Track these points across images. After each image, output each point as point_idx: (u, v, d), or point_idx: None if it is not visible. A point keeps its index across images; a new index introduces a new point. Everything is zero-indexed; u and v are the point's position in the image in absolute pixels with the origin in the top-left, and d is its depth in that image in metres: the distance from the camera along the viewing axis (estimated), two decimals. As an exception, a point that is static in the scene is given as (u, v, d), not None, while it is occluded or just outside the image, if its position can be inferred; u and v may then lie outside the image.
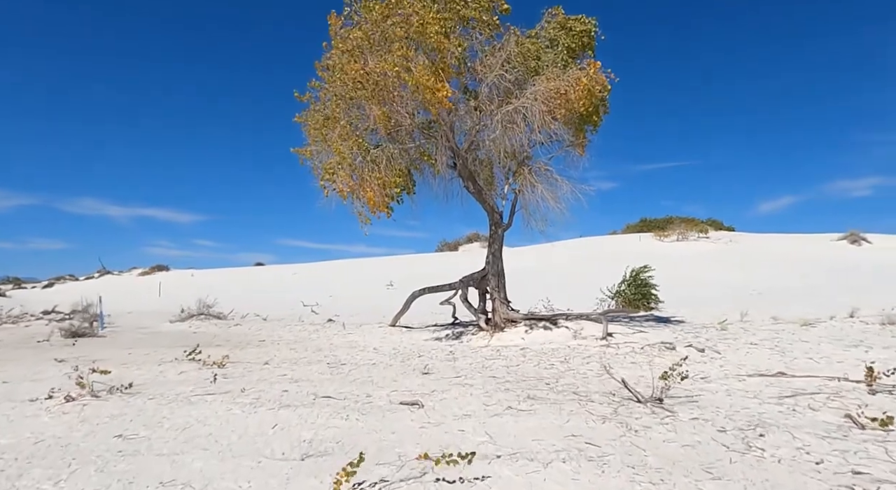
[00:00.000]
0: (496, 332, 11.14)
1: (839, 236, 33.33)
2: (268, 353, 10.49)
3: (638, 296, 16.47)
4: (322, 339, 12.43)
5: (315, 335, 13.33)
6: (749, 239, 35.66)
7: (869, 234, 33.13)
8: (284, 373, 8.06)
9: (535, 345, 9.92)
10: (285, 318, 18.46)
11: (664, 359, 8.14)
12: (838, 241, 32.90)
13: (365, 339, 12.17)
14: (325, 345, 11.50)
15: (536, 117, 9.60)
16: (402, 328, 13.97)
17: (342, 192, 10.16)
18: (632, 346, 9.04)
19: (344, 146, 9.90)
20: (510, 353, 9.30)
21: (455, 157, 11.11)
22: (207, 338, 13.49)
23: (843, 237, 33.04)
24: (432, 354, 9.69)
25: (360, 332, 13.37)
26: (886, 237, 33.53)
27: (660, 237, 35.61)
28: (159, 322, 17.36)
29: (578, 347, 9.34)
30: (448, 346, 10.70)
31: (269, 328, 15.12)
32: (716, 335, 10.19)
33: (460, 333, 12.09)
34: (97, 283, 35.38)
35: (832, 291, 19.58)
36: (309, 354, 10.15)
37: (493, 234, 11.53)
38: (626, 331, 10.40)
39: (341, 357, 9.69)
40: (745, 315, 13.04)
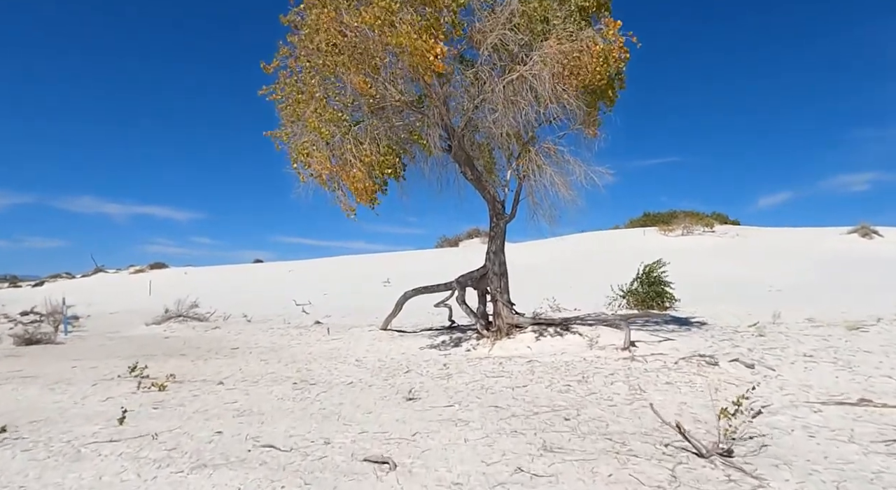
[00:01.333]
0: (499, 339, 9.39)
1: (849, 230, 31.45)
2: (232, 366, 8.76)
3: (651, 294, 14.71)
4: (301, 347, 10.69)
5: (296, 341, 11.60)
6: (756, 233, 33.80)
7: (879, 227, 31.28)
8: (235, 399, 6.31)
9: (545, 356, 8.16)
10: (273, 318, 16.72)
11: (707, 377, 6.38)
12: (848, 235, 31.03)
13: (349, 347, 10.42)
14: (302, 355, 9.76)
15: (546, 86, 7.80)
16: (394, 332, 12.22)
17: (320, 176, 8.39)
18: (662, 360, 7.27)
19: (320, 122, 8.13)
20: (516, 368, 7.54)
21: (450, 139, 9.33)
22: (177, 344, 11.78)
23: (854, 230, 31.16)
24: (423, 369, 7.94)
25: (346, 337, 11.63)
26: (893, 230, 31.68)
27: (664, 231, 33.76)
28: (135, 324, 15.65)
29: (597, 361, 7.57)
30: (442, 357, 8.95)
31: (249, 332, 13.39)
32: (756, 343, 8.42)
33: (458, 340, 10.33)
34: (89, 282, 33.69)
35: (856, 288, 17.78)
36: (279, 368, 8.41)
37: (495, 226, 9.76)
38: (649, 338, 8.63)
39: (315, 373, 7.95)
40: (777, 316, 11.25)
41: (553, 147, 8.74)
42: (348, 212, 9.16)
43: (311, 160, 8.30)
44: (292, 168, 8.49)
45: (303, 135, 8.36)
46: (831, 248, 28.41)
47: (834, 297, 15.97)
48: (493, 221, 9.76)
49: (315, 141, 8.19)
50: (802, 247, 29.02)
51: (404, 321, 14.02)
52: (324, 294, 23.84)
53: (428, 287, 10.91)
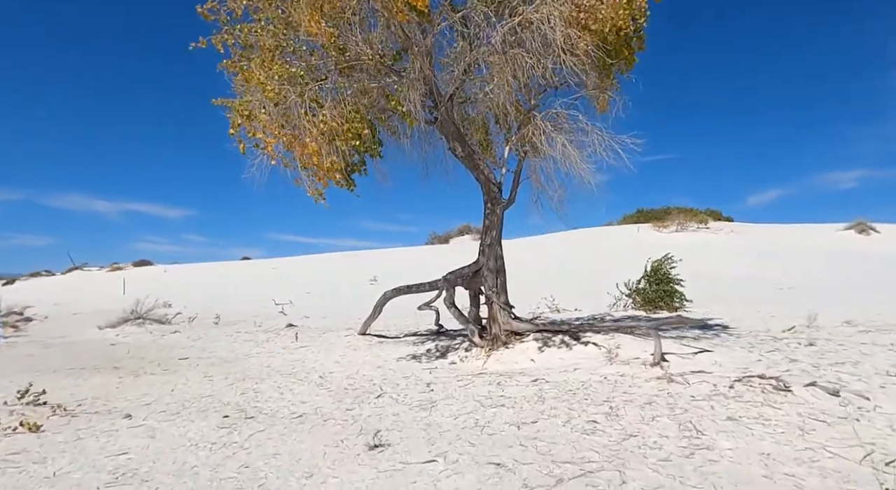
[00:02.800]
0: (495, 348, 7.50)
1: (845, 226, 29.89)
2: (165, 385, 6.81)
3: (660, 293, 12.90)
4: (260, 358, 8.75)
5: (258, 349, 9.65)
6: (750, 230, 32.15)
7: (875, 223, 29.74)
8: (129, 447, 4.36)
9: (554, 373, 6.28)
10: (245, 319, 14.75)
11: (781, 410, 4.53)
12: (845, 231, 29.47)
13: (316, 358, 8.50)
14: (257, 369, 7.82)
15: (557, 32, 5.91)
16: (373, 338, 10.31)
17: (268, 146, 6.45)
18: (708, 381, 5.40)
19: (266, 77, 6.20)
20: (518, 391, 5.65)
21: (436, 107, 7.43)
22: (119, 353, 9.80)
23: (850, 227, 29.60)
24: (400, 391, 6.03)
25: (316, 345, 9.69)
26: (893, 227, 30.15)
27: (658, 228, 32.01)
28: (88, 327, 13.63)
29: (622, 381, 5.70)
30: (426, 373, 7.05)
31: (210, 337, 11.42)
32: (813, 355, 6.58)
33: (446, 349, 8.44)
34: (65, 280, 31.45)
35: (872, 287, 16.09)
36: (220, 389, 6.48)
37: (490, 214, 7.86)
38: (678, 349, 6.76)
39: (262, 397, 6.03)
40: (813, 319, 9.44)
41: (563, 113, 6.83)
42: (315, 196, 7.25)
43: (254, 125, 6.36)
44: (229, 135, 6.54)
45: (246, 93, 6.43)
46: (830, 244, 26.79)
47: (852, 295, 14.24)
48: (489, 208, 7.86)
49: (261, 101, 6.26)
50: (800, 244, 27.38)
51: (388, 322, 12.13)
52: (306, 292, 21.86)
53: (411, 287, 9.00)
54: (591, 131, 6.45)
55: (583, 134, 6.52)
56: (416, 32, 6.61)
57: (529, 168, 7.71)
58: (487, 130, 8.81)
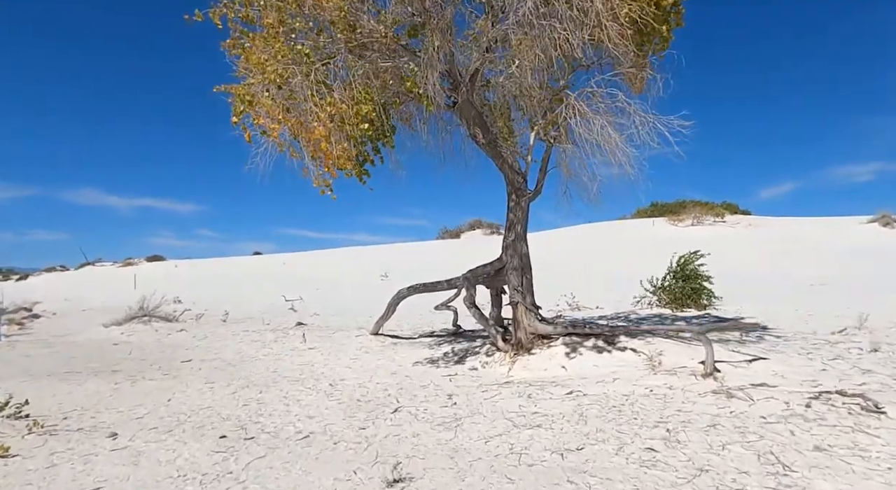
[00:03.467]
0: (520, 353, 6.77)
1: (868, 219, 28.79)
2: (161, 394, 6.15)
3: (687, 291, 12.09)
4: (267, 361, 8.08)
5: (266, 351, 8.99)
6: (769, 223, 31.12)
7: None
8: (105, 478, 3.69)
9: (590, 384, 5.53)
10: (254, 317, 14.13)
11: (878, 438, 3.76)
12: (868, 225, 28.37)
13: (326, 361, 7.82)
14: (264, 374, 7.15)
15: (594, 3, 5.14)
16: (386, 338, 9.62)
17: (272, 131, 5.73)
18: (775, 397, 4.64)
19: (268, 55, 5.49)
20: (554, 406, 4.92)
21: (455, 89, 6.68)
22: (120, 355, 9.18)
23: (874, 220, 28.50)
24: (419, 404, 5.32)
25: (326, 346, 9.02)
26: (918, 219, 29.00)
27: (674, 222, 31.07)
28: (94, 325, 13.04)
29: (672, 395, 4.95)
30: (446, 380, 6.34)
31: (217, 336, 10.79)
32: (884, 363, 5.79)
33: (465, 352, 7.73)
34: (76, 276, 31.06)
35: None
36: (220, 399, 5.80)
37: (514, 207, 7.11)
38: (727, 355, 5.99)
39: (266, 410, 5.34)
40: (864, 320, 8.62)
41: (599, 91, 6.04)
42: (322, 187, 6.54)
43: (257, 111, 5.65)
44: (232, 124, 5.83)
45: (248, 76, 5.71)
46: (854, 238, 25.74)
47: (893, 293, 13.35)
48: (513, 200, 7.10)
49: (263, 83, 5.55)
50: (822, 237, 26.35)
51: (401, 321, 11.45)
52: (316, 289, 21.24)
53: (427, 285, 8.28)
54: (632, 112, 5.66)
55: (622, 115, 5.74)
56: (436, 3, 5.85)
57: (558, 156, 6.96)
58: (509, 117, 8.05)
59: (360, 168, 7.16)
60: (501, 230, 31.10)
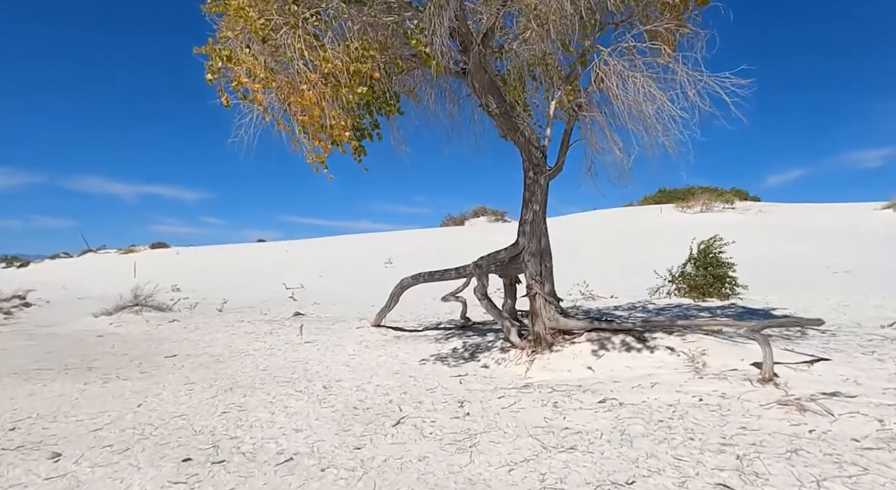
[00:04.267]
0: (539, 351, 5.90)
1: (883, 205, 27.74)
2: (133, 397, 5.31)
3: (709, 279, 11.21)
4: (257, 357, 7.24)
5: (258, 344, 8.16)
6: (779, 209, 30.08)
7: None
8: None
9: (625, 389, 4.66)
10: (253, 306, 13.33)
11: None
12: (883, 211, 27.33)
13: (322, 358, 6.97)
14: (250, 372, 6.30)
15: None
16: (388, 330, 8.78)
17: (254, 94, 4.82)
18: (863, 413, 3.75)
19: (248, 3, 4.57)
20: (586, 419, 4.06)
21: (464, 52, 5.75)
22: (103, 348, 8.36)
23: (889, 205, 27.45)
24: (425, 414, 4.46)
25: (324, 339, 8.19)
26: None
27: (682, 208, 30.06)
28: (85, 315, 12.24)
29: (729, 406, 4.07)
30: (456, 382, 5.49)
31: (209, 327, 9.97)
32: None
33: (475, 348, 6.87)
34: (77, 263, 30.33)
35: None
36: (197, 406, 4.96)
37: (532, 185, 6.20)
38: (779, 355, 5.09)
39: (248, 417, 4.50)
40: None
41: (636, 46, 5.08)
42: (315, 164, 5.65)
43: (238, 70, 4.74)
44: (207, 83, 4.91)
45: (225, 27, 4.80)
46: (869, 224, 24.72)
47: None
48: (530, 178, 6.19)
49: (244, 35, 4.63)
50: (835, 224, 25.33)
51: (404, 312, 10.62)
52: (318, 276, 20.44)
53: (433, 273, 7.40)
54: (679, 70, 4.70)
55: (666, 74, 4.79)
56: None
57: (583, 128, 6.03)
58: (523, 88, 7.11)
59: (358, 143, 6.30)
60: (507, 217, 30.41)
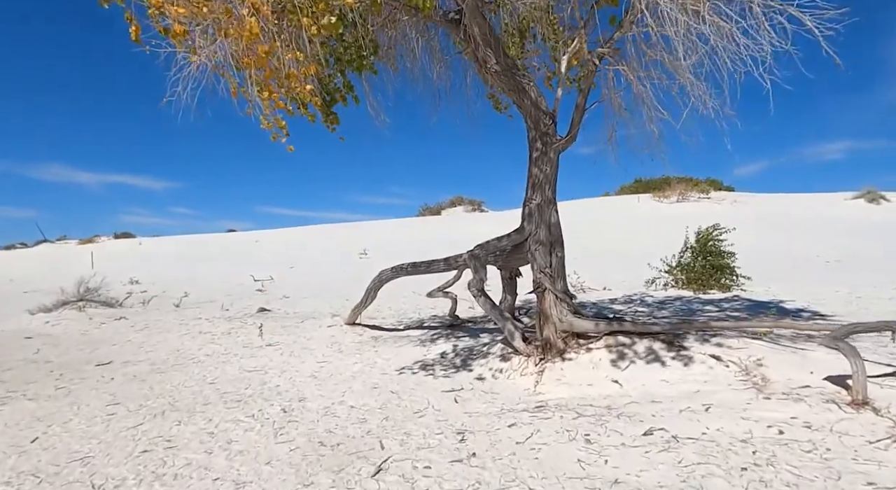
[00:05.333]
0: (548, 358, 4.75)
1: (853, 195, 27.52)
2: (32, 425, 3.98)
3: (709, 270, 10.26)
4: (207, 365, 5.93)
5: (211, 348, 6.83)
6: (754, 199, 29.62)
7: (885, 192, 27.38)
8: None
9: (671, 415, 3.54)
10: (214, 300, 11.90)
11: None
12: (854, 200, 27.09)
13: (286, 366, 5.70)
14: (194, 388, 5.00)
15: None
16: (365, 329, 7.55)
17: (176, 29, 3.50)
18: None
19: None
20: (637, 463, 2.92)
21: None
22: (24, 354, 6.91)
23: (859, 196, 27.24)
24: (414, 450, 3.27)
25: (290, 341, 6.91)
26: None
27: (659, 198, 29.38)
28: (19, 312, 10.66)
29: (826, 442, 2.98)
30: (449, 400, 4.30)
31: (158, 327, 8.56)
32: None
33: (468, 353, 5.68)
34: (32, 253, 28.12)
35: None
36: (111, 441, 3.66)
37: (540, 158, 5.00)
38: (833, 362, 4.04)
39: (175, 458, 3.24)
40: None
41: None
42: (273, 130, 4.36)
43: (165, 5, 3.40)
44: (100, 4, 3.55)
45: None
46: (844, 214, 24.36)
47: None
48: (537, 149, 4.99)
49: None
50: (811, 214, 24.91)
51: (381, 306, 9.39)
52: (290, 267, 18.99)
53: (418, 265, 6.17)
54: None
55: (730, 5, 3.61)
56: None
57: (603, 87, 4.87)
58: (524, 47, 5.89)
59: (327, 110, 5.08)
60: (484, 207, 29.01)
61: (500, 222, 28.90)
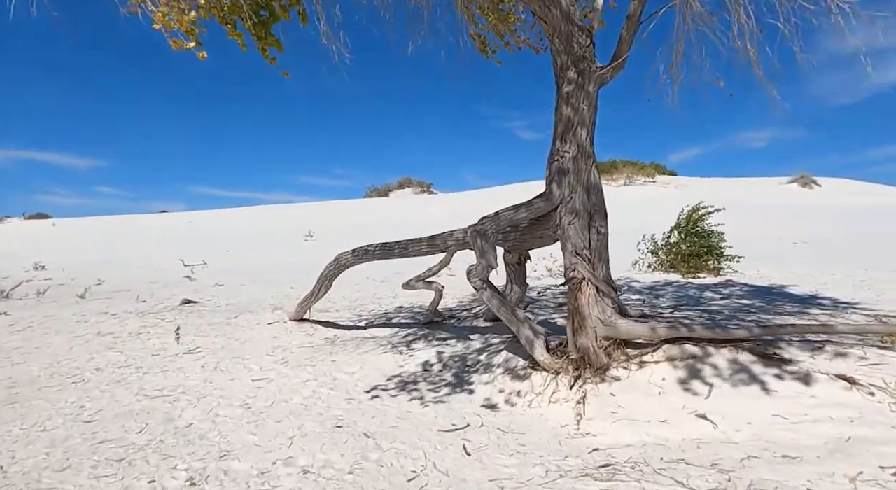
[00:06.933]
0: (590, 376, 3.25)
1: (788, 180, 27.83)
2: None
3: (697, 250, 9.13)
4: (97, 383, 4.04)
5: (107, 357, 4.90)
6: (696, 183, 29.45)
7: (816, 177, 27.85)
8: None
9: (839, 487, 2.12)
10: (130, 289, 9.69)
11: None
12: (789, 184, 27.37)
13: (209, 387, 3.91)
14: (61, 430, 3.16)
15: None
16: (317, 327, 5.81)
17: None
18: None
19: None
20: None
21: None
22: None
23: (793, 180, 27.55)
24: None
25: (219, 345, 5.09)
26: (829, 180, 28.47)
27: (607, 181, 28.69)
28: None
29: None
30: (455, 451, 2.71)
31: (47, 324, 6.47)
32: None
33: (460, 362, 4.09)
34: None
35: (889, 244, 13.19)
36: None
37: (574, 93, 3.41)
38: None
39: None
40: None
41: None
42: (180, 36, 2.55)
43: None
44: None
45: None
46: (783, 197, 24.42)
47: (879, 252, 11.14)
48: (570, 81, 3.40)
49: None
50: (754, 198, 24.80)
51: (334, 296, 7.67)
52: (227, 251, 16.69)
53: (389, 247, 4.47)
54: None
55: None
56: None
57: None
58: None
59: (265, 30, 3.34)
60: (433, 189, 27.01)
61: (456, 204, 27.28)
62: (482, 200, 26.19)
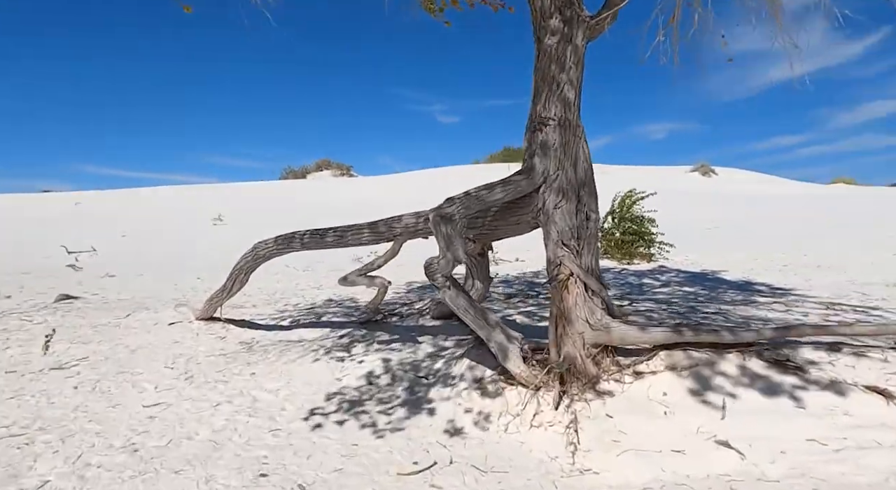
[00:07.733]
0: (577, 393, 2.64)
1: (690, 169, 29.43)
2: None
3: (630, 236, 8.95)
4: None
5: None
6: (612, 170, 30.36)
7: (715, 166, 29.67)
8: None
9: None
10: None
11: None
12: (691, 173, 28.93)
13: (82, 415, 2.89)
14: None
15: None
16: (229, 328, 4.81)
17: None
18: None
19: None
20: None
21: None
22: None
23: (695, 169, 29.17)
24: None
25: (103, 351, 3.98)
26: (723, 169, 30.44)
27: (527, 167, 28.94)
28: None
29: None
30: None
31: None
32: None
33: (412, 376, 3.36)
34: None
35: (790, 228, 13.97)
36: None
37: (558, 48, 2.74)
38: None
39: None
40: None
41: None
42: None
43: None
44: None
45: None
46: (687, 184, 25.70)
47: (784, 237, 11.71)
48: (554, 32, 2.73)
49: None
50: (662, 184, 25.86)
51: (249, 288, 6.58)
52: (122, 236, 14.68)
53: (322, 234, 3.60)
54: None
55: None
56: None
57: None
58: None
59: None
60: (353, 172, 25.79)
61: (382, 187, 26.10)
62: (406, 183, 25.35)
